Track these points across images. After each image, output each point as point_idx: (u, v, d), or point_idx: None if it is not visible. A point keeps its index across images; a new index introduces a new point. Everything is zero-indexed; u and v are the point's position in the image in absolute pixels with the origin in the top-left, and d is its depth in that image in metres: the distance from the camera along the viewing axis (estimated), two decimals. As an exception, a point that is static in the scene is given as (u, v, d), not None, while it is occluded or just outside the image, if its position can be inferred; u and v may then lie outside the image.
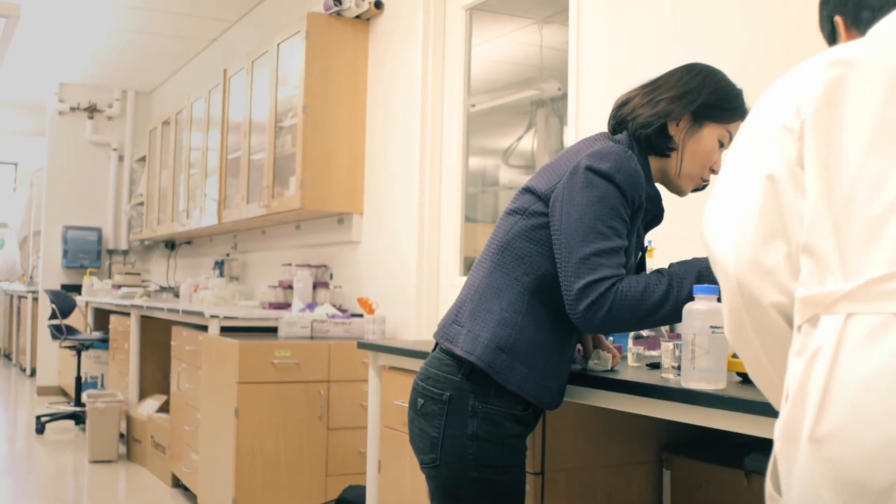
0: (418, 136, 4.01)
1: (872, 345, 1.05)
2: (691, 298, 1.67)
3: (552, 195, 1.78)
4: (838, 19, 1.34)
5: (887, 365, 1.03)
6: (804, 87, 1.17)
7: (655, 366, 2.01)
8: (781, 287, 1.19)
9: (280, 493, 3.69)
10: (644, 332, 2.13)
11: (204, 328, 4.30)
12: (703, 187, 1.93)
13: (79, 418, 6.37)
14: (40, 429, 6.34)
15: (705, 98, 1.82)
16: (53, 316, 6.50)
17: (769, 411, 1.30)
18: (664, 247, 2.40)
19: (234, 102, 5.42)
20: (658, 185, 1.93)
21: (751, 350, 1.28)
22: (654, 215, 1.90)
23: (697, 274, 1.72)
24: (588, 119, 3.10)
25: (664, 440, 2.28)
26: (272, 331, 4.18)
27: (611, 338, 2.30)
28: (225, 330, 4.18)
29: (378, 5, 4.38)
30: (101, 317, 7.00)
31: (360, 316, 4.07)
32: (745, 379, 1.70)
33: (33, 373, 8.93)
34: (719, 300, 1.32)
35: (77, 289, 7.74)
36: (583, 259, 1.68)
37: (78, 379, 6.64)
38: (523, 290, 1.77)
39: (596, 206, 1.71)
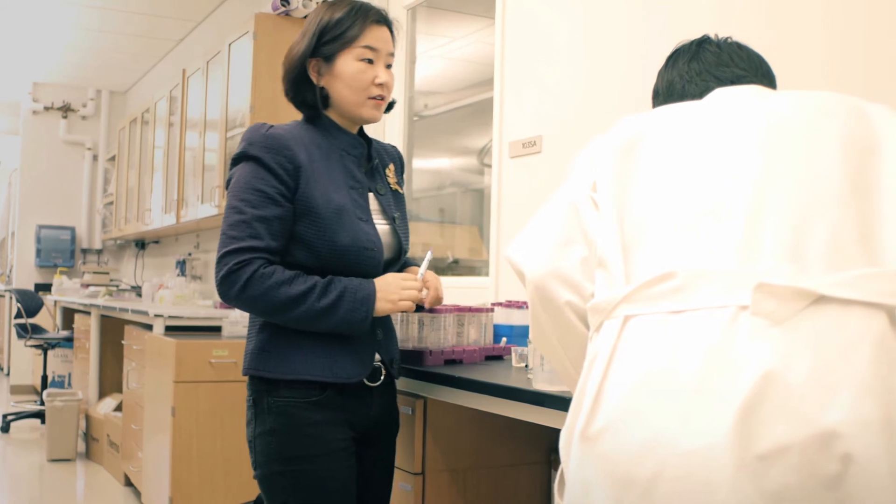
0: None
1: (645, 344, 1.07)
2: (330, 311, 1.70)
3: None
4: None
5: (657, 363, 1.05)
6: (602, 145, 1.25)
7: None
8: (575, 287, 1.21)
9: (216, 491, 3.70)
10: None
11: (152, 328, 4.31)
12: (391, 105, 1.93)
13: (44, 417, 6.38)
14: (5, 427, 6.36)
15: (315, 40, 1.83)
16: (19, 315, 6.52)
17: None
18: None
19: (192, 102, 5.43)
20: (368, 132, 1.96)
21: (555, 354, 1.30)
22: (380, 159, 1.95)
23: (342, 289, 1.73)
24: (512, 120, 3.11)
25: (554, 441, 2.28)
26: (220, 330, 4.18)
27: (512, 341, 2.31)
28: (173, 329, 4.19)
29: (325, 6, 4.38)
30: (70, 316, 7.01)
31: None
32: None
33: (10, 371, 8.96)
34: None
35: (49, 288, 7.76)
36: (222, 236, 1.73)
37: (44, 377, 6.66)
38: None
39: (233, 191, 1.77)
